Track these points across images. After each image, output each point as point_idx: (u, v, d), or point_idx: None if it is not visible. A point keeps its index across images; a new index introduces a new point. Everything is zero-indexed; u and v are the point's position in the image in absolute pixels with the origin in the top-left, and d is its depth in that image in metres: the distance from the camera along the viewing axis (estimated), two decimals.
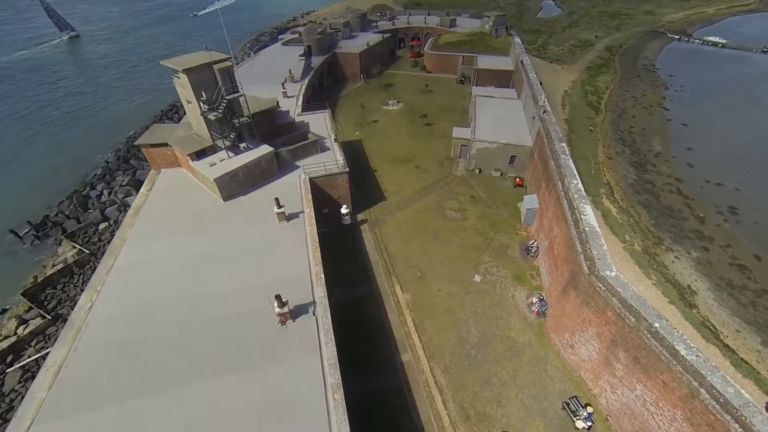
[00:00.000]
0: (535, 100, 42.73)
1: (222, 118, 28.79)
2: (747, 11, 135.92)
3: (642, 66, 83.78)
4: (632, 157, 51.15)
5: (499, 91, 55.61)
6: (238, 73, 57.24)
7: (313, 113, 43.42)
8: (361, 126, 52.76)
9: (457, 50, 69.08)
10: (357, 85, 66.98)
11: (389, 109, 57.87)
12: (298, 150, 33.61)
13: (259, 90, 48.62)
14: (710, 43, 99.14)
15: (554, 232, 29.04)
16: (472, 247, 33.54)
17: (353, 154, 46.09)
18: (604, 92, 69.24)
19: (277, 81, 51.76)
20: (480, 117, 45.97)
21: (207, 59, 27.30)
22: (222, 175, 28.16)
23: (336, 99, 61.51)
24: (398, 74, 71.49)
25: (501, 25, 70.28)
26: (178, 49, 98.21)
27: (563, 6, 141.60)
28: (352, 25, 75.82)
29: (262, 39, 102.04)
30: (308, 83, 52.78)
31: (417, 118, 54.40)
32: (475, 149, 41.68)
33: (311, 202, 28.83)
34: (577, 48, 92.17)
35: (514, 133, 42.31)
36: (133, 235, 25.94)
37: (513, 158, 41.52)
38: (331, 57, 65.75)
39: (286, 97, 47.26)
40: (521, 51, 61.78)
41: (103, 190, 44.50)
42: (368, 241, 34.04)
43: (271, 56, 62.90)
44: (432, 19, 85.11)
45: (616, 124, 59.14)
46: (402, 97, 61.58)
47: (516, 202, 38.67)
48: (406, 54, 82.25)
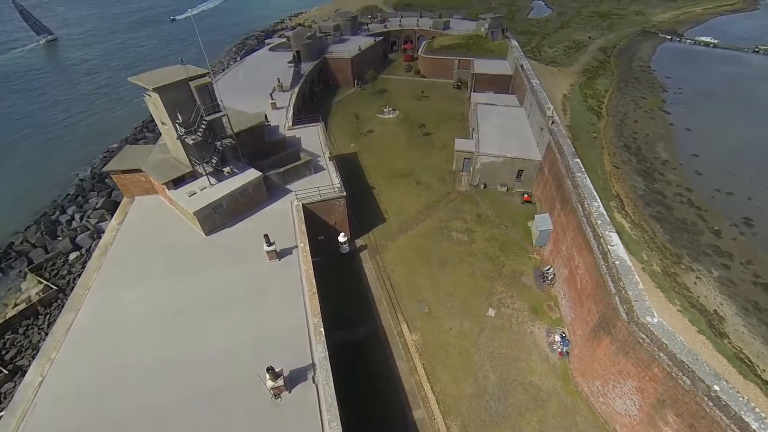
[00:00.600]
0: (542, 110, 39.77)
1: (202, 142, 25.04)
2: (732, 10, 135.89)
3: (638, 67, 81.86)
4: (639, 166, 48.71)
5: (500, 97, 52.61)
6: (224, 82, 53.39)
7: (304, 126, 39.75)
8: (356, 137, 49.24)
9: (453, 54, 65.90)
10: (350, 91, 63.34)
11: (385, 118, 54.43)
12: (289, 172, 30.01)
13: (245, 101, 44.76)
14: (702, 43, 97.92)
15: (575, 262, 26.07)
16: (483, 275, 30.41)
17: (349, 169, 42.58)
18: (603, 96, 66.90)
19: (265, 91, 47.84)
20: (483, 127, 42.86)
21: (182, 75, 23.52)
22: (203, 207, 24.44)
23: (328, 107, 57.80)
24: (392, 79, 68.02)
25: (497, 27, 67.33)
26: (161, 55, 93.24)
27: (553, 6, 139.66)
28: (342, 28, 72.02)
29: (248, 43, 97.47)
30: (298, 92, 49.00)
31: (415, 127, 51.08)
32: (479, 164, 38.57)
33: (305, 235, 25.30)
34: (571, 50, 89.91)
35: (521, 146, 39.31)
36: (99, 282, 22.07)
37: (520, 172, 38.53)
38: (321, 63, 61.97)
39: (275, 109, 43.46)
40: (520, 55, 58.86)
41: (74, 214, 40.19)
42: (369, 270, 30.65)
43: (258, 63, 58.83)
44: (425, 21, 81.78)
45: (619, 130, 56.75)
46: (397, 104, 58.18)
47: (526, 221, 35.69)
48: (399, 57, 78.81)
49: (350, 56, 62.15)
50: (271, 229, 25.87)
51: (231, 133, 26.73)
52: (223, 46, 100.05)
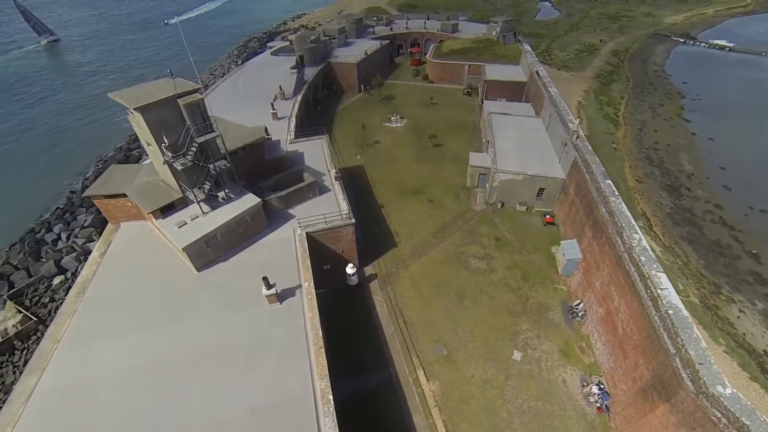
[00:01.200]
0: (564, 122, 36.48)
1: (192, 166, 21.86)
2: (744, 13, 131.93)
3: (653, 72, 78.32)
4: (663, 180, 45.34)
5: (514, 106, 49.23)
6: (223, 89, 50.16)
7: (308, 140, 36.51)
8: (363, 148, 45.98)
9: (463, 59, 62.51)
10: (355, 97, 60.04)
11: (392, 127, 51.15)
12: (291, 195, 26.80)
13: (245, 110, 41.63)
14: (717, 47, 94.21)
15: (614, 303, 22.80)
16: (505, 310, 27.18)
17: (355, 185, 39.38)
18: (619, 103, 63.45)
19: (266, 99, 44.62)
20: (499, 140, 39.54)
21: (170, 91, 20.32)
22: (194, 241, 21.27)
23: (332, 115, 54.54)
24: (399, 85, 64.69)
25: (509, 31, 63.88)
26: (162, 58, 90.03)
27: (561, 8, 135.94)
28: (347, 31, 68.68)
29: (250, 45, 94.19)
30: (301, 100, 45.74)
31: (424, 137, 47.80)
32: (497, 181, 35.28)
33: (310, 271, 22.12)
34: (582, 53, 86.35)
35: (542, 162, 36.00)
36: (71, 333, 18.94)
37: (541, 191, 35.24)
38: (325, 67, 58.67)
39: (276, 119, 40.22)
40: (534, 60, 55.47)
41: (61, 232, 37.11)
42: (380, 304, 27.45)
43: (259, 68, 55.55)
44: (432, 24, 78.35)
45: (638, 140, 53.35)
46: (405, 112, 54.88)
47: (549, 246, 32.43)
48: (406, 61, 75.44)
49: (356, 61, 58.85)
50: (271, 264, 22.77)
51: (225, 154, 23.48)
52: (224, 48, 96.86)
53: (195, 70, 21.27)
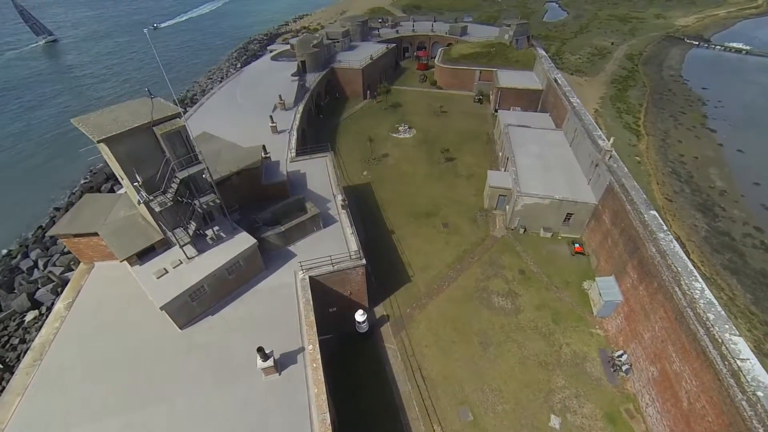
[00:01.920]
0: (592, 139, 32.64)
1: (175, 204, 18.08)
2: (757, 14, 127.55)
3: (669, 77, 74.27)
4: (695, 198, 41.50)
5: (532, 117, 45.33)
6: (220, 97, 46.23)
7: (310, 158, 32.68)
8: (369, 163, 42.12)
9: (474, 64, 58.54)
10: (360, 105, 56.13)
11: (400, 138, 47.27)
12: (292, 230, 23.02)
13: (242, 123, 37.86)
14: (733, 50, 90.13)
15: (675, 367, 19.04)
16: (537, 361, 23.45)
17: (363, 206, 35.61)
18: (638, 110, 59.49)
19: (265, 109, 40.82)
20: (520, 157, 35.69)
21: (143, 118, 16.52)
22: (175, 297, 17.51)
23: (336, 125, 50.65)
24: (406, 91, 60.72)
25: (522, 34, 59.84)
26: (163, 62, 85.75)
27: (568, 9, 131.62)
28: (351, 34, 64.69)
29: (250, 48, 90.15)
30: (303, 111, 41.86)
31: (435, 150, 43.98)
32: (520, 205, 31.45)
33: (314, 330, 18.37)
34: (595, 57, 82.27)
35: (570, 184, 32.17)
36: (13, 426, 15.16)
37: (569, 216, 31.43)
38: (329, 73, 54.74)
39: (275, 133, 36.39)
40: (551, 67, 51.47)
41: (38, 259, 33.37)
42: (393, 355, 23.71)
43: (258, 74, 51.57)
44: (440, 27, 74.25)
45: (663, 153, 49.44)
46: (413, 121, 51.00)
47: (580, 280, 28.65)
48: (412, 65, 71.45)
49: (361, 66, 54.89)
50: (268, 318, 19.04)
51: (214, 188, 19.66)
52: (223, 50, 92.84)
53: (172, 91, 17.18)
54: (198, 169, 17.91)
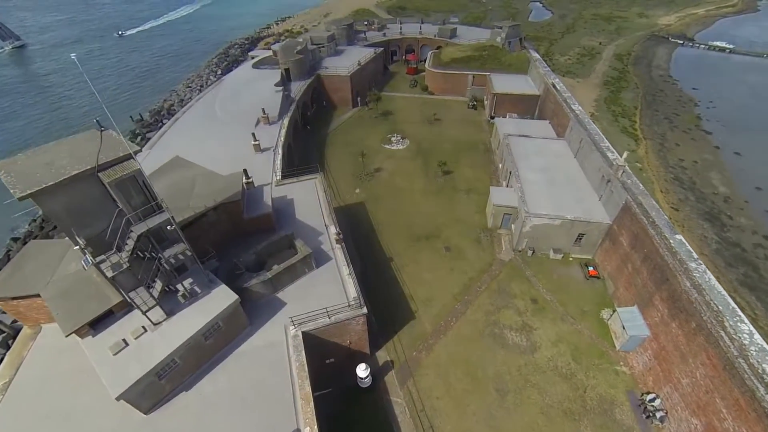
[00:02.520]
0: (600, 151, 30.25)
1: (135, 261, 14.57)
2: (734, 12, 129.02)
3: (659, 77, 73.18)
4: (700, 206, 39.69)
5: (529, 125, 42.82)
6: (197, 112, 42.18)
7: (298, 180, 29.27)
8: (362, 178, 38.87)
9: (466, 68, 55.81)
10: (348, 113, 52.74)
11: (394, 150, 44.15)
12: (281, 275, 19.69)
13: (221, 143, 34.18)
14: (717, 48, 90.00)
15: (726, 424, 16.52)
16: (560, 410, 20.78)
17: (357, 229, 32.42)
18: (633, 113, 57.83)
19: (247, 123, 37.18)
20: (524, 172, 33.05)
21: (84, 162, 12.96)
22: (136, 382, 14.01)
23: (324, 136, 47.17)
24: (396, 97, 57.59)
25: (515, 37, 57.41)
26: (135, 71, 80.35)
27: (552, 9, 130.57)
28: (337, 38, 61.14)
29: (231, 53, 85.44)
30: (288, 124, 38.32)
31: (431, 162, 41.06)
32: (528, 226, 28.77)
33: (311, 404, 15.17)
34: (584, 57, 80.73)
35: (580, 201, 29.64)
36: None
37: (581, 236, 28.93)
38: (314, 81, 51.15)
39: (258, 151, 32.80)
40: (547, 71, 49.13)
41: None
42: (401, 411, 20.64)
43: (239, 84, 47.53)
44: (428, 29, 71.28)
45: (663, 157, 47.68)
46: (406, 131, 47.96)
47: (598, 309, 26.15)
48: (401, 69, 68.33)
49: (349, 73, 51.48)
50: (254, 389, 15.77)
51: (182, 237, 16.18)
52: (202, 56, 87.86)
53: (118, 131, 13.47)
54: (161, 221, 14.42)
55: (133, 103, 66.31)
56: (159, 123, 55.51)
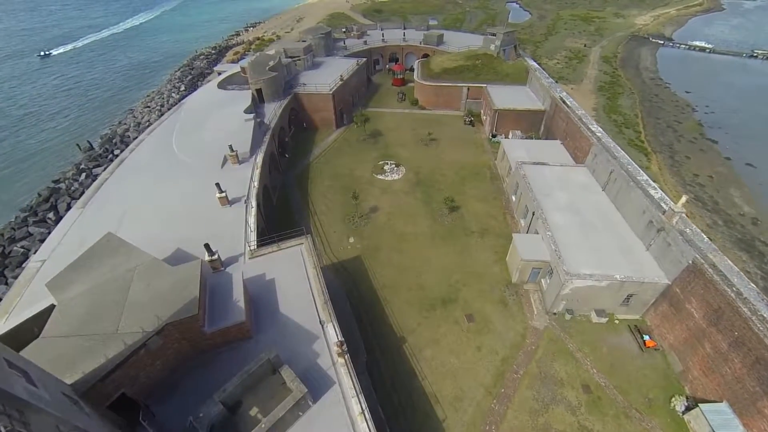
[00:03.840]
0: (643, 190, 24.86)
1: None
2: (703, 11, 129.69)
3: (650, 80, 69.90)
4: (730, 232, 35.29)
5: (541, 147, 37.28)
6: (149, 147, 33.93)
7: (279, 249, 22.21)
8: (355, 222, 32.09)
9: (459, 79, 49.83)
10: (332, 136, 45.64)
11: (388, 181, 37.57)
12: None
13: (180, 186, 26.68)
14: (697, 48, 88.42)
15: None
16: None
17: (354, 295, 25.74)
18: (636, 122, 53.59)
19: (212, 163, 29.65)
20: (549, 212, 27.31)
21: None
22: None
23: (306, 167, 39.95)
24: (384, 114, 50.95)
25: (509, 44, 51.84)
26: (90, 87, 69.62)
27: (530, 9, 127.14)
28: (314, 49, 53.74)
29: (196, 65, 76.16)
30: (263, 162, 30.99)
31: (433, 196, 34.86)
32: (569, 289, 22.97)
33: None
34: (572, 60, 76.64)
35: (625, 252, 24.14)
36: None
37: (630, 297, 23.42)
38: (292, 101, 43.75)
39: (226, 205, 25.44)
40: (550, 82, 43.78)
41: None
42: None
43: (201, 110, 39.15)
44: (413, 35, 64.81)
45: (677, 173, 43.37)
46: (400, 155, 41.47)
47: (665, 394, 20.66)
48: (385, 80, 61.70)
49: (331, 91, 44.36)
50: None
51: None
52: (164, 69, 78.12)
53: None
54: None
55: (83, 126, 56.64)
56: (109, 154, 46.60)
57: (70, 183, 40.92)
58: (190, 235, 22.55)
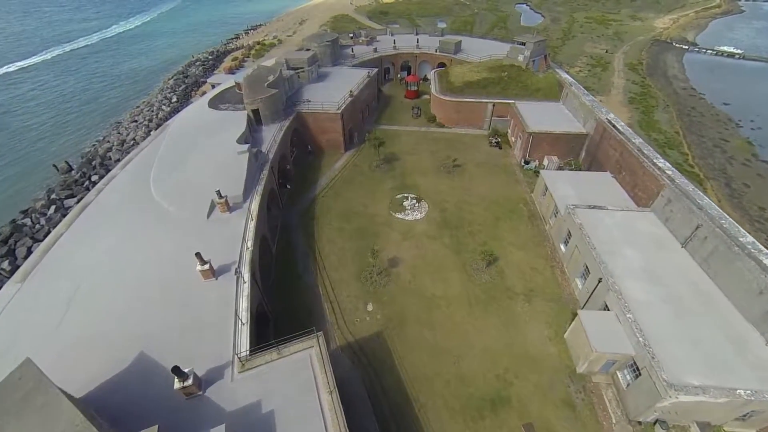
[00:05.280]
0: (755, 259, 18.56)
1: None
2: (722, 13, 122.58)
3: (682, 90, 63.33)
4: None
5: (588, 180, 30.83)
6: (123, 183, 27.05)
7: (280, 357, 15.87)
8: (373, 281, 25.74)
9: (484, 94, 43.36)
10: (340, 162, 39.25)
11: (409, 222, 31.23)
12: None
13: (156, 245, 20.35)
14: (725, 54, 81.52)
15: None
16: None
17: (377, 391, 19.49)
18: (679, 141, 47.12)
19: (197, 212, 23.36)
20: (623, 281, 21.01)
21: None
22: None
23: (311, 201, 33.60)
24: (398, 133, 44.55)
25: (539, 54, 45.31)
26: (72, 98, 63.06)
27: (542, 12, 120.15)
28: (320, 58, 47.22)
29: (191, 72, 69.55)
30: (260, 207, 24.63)
31: (464, 241, 28.60)
32: (669, 402, 16.70)
33: None
34: (595, 68, 69.97)
35: (737, 347, 17.83)
36: None
37: (751, 413, 17.16)
38: (294, 121, 37.35)
39: (210, 278, 19.09)
40: (593, 101, 37.35)
41: None
42: None
43: (187, 137, 31.74)
44: (427, 41, 58.21)
45: (739, 206, 36.97)
46: (420, 186, 35.15)
47: None
48: (397, 91, 55.27)
49: (340, 110, 37.95)
50: None
51: None
52: (159, 75, 71.57)
53: None
54: None
55: (69, 139, 50.41)
56: (86, 180, 40.28)
57: (37, 218, 34.62)
58: (160, 328, 16.49)
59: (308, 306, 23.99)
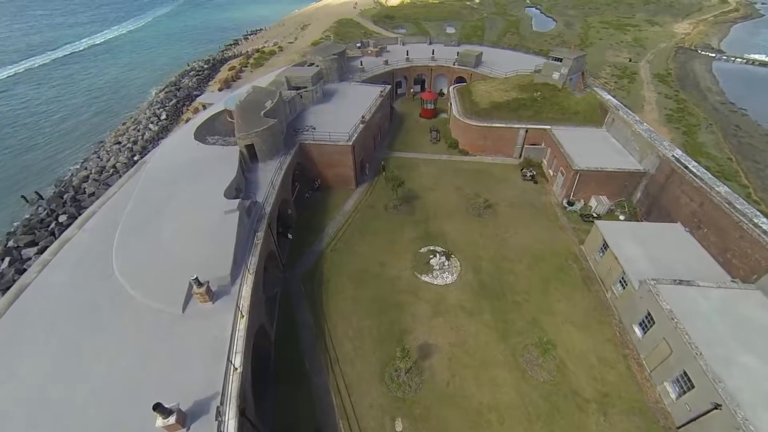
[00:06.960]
0: None
1: None
2: (740, 17, 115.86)
3: (721, 105, 57.04)
4: None
5: (660, 236, 24.56)
6: (74, 256, 19.92)
7: None
8: (400, 383, 19.59)
9: (515, 118, 37.11)
10: (351, 202, 32.98)
11: (438, 287, 25.03)
12: None
13: (98, 365, 13.72)
14: (757, 63, 75.11)
15: None
16: None
17: None
18: (734, 169, 40.88)
19: (168, 305, 17.16)
20: (753, 411, 14.86)
21: None
22: None
23: (317, 257, 27.38)
24: (415, 162, 38.33)
25: (577, 71, 38.98)
26: (54, 112, 56.61)
27: (554, 16, 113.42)
28: (325, 74, 40.85)
29: (183, 84, 63.11)
30: (251, 303, 18.40)
31: (509, 320, 22.46)
32: None
33: None
34: (622, 79, 63.66)
35: None
36: None
37: None
38: (297, 155, 31.07)
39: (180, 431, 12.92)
40: (649, 132, 31.06)
41: None
42: None
43: (164, 184, 24.92)
44: (443, 52, 51.80)
45: None
46: (447, 235, 28.95)
47: None
48: (410, 108, 49.03)
49: (350, 141, 31.66)
50: None
51: None
52: (145, 88, 65.12)
53: None
54: None
55: (38, 168, 44.18)
56: (53, 220, 34.01)
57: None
58: None
59: (317, 424, 17.85)
